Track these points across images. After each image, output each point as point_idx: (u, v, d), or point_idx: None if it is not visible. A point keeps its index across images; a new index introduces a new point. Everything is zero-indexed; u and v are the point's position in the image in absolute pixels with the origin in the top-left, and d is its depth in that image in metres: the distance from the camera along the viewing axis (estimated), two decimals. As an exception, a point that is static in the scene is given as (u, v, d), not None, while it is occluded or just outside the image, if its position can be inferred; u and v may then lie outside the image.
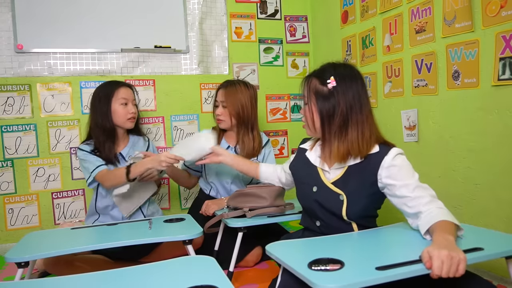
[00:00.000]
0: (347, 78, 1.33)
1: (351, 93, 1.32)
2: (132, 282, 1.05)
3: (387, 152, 1.30)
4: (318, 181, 1.40)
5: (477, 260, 1.05)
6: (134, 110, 2.07)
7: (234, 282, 1.82)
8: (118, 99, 2.02)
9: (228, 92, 2.16)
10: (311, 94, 1.37)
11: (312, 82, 1.38)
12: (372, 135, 1.33)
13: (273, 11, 3.01)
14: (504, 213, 1.69)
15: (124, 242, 1.46)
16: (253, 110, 2.18)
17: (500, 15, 1.62)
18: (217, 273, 1.06)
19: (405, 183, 1.25)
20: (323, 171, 1.41)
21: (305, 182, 1.45)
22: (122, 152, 2.09)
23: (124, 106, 2.04)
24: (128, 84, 2.12)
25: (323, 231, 1.40)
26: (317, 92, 1.35)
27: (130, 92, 2.09)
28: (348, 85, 1.32)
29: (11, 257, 1.33)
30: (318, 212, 1.40)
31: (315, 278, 0.92)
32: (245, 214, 1.77)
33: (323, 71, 1.38)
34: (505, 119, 1.66)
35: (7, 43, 2.41)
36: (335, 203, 1.35)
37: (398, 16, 2.18)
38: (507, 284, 1.66)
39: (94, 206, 2.04)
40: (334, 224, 1.37)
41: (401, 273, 0.95)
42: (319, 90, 1.35)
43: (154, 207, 2.21)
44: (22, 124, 2.45)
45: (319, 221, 1.41)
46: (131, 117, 2.05)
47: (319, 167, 1.42)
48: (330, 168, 1.39)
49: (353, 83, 1.34)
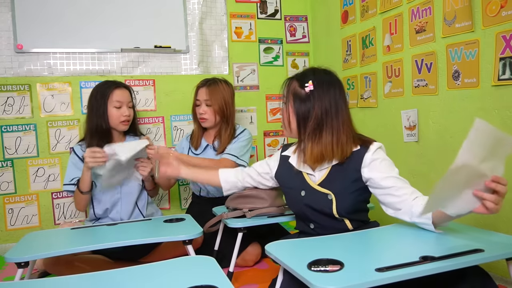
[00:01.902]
0: (325, 84, 1.38)
1: (328, 99, 1.37)
2: (132, 282, 1.05)
3: (367, 149, 1.36)
4: (305, 185, 1.43)
5: (477, 262, 1.05)
6: (128, 113, 2.04)
7: (234, 282, 1.82)
8: (112, 102, 2.01)
9: (212, 90, 2.19)
10: (289, 95, 1.42)
11: (292, 84, 1.43)
12: (348, 140, 1.37)
13: (273, 11, 3.00)
14: (504, 213, 1.69)
15: (124, 242, 1.46)
16: (233, 107, 2.27)
17: (500, 15, 1.62)
18: (217, 273, 1.06)
19: (389, 175, 1.31)
20: (308, 175, 1.44)
21: (292, 187, 1.48)
22: None
23: (117, 109, 2.02)
24: (125, 85, 2.10)
25: (319, 232, 1.43)
26: (295, 94, 1.40)
27: (125, 94, 2.06)
28: (325, 90, 1.37)
29: (11, 257, 1.32)
30: (310, 215, 1.43)
31: (315, 279, 0.92)
32: (245, 215, 1.77)
33: (303, 75, 1.43)
34: (505, 119, 1.66)
35: (7, 43, 2.41)
36: (324, 203, 1.38)
37: (398, 16, 2.18)
38: (507, 284, 1.66)
39: (93, 213, 2.05)
40: (327, 223, 1.41)
41: (401, 275, 0.95)
42: (297, 92, 1.39)
43: (153, 207, 2.21)
44: (22, 124, 2.45)
45: (313, 224, 1.45)
46: (124, 120, 2.03)
47: (303, 171, 1.45)
48: (314, 170, 1.43)
49: (330, 89, 1.38)
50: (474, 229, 1.30)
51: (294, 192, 1.47)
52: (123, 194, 2.03)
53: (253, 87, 2.95)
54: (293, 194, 1.48)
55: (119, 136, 2.11)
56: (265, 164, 1.64)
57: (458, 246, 1.10)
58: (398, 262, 1.00)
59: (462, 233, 1.24)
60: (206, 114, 2.19)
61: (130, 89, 2.12)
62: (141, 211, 2.09)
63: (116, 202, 2.03)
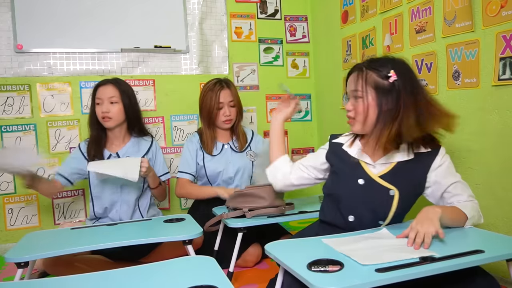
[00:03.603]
0: (406, 71, 1.30)
1: (411, 86, 1.27)
2: (132, 282, 1.05)
3: (437, 153, 1.32)
4: (364, 174, 1.32)
5: (478, 263, 1.05)
6: (105, 109, 2.00)
7: (234, 282, 1.82)
8: (95, 100, 2.04)
9: (233, 91, 2.24)
10: (368, 88, 1.29)
11: (370, 75, 1.29)
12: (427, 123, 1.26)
13: (273, 11, 3.00)
14: (504, 213, 1.69)
15: (124, 242, 1.46)
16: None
17: (500, 15, 1.62)
18: (217, 273, 1.06)
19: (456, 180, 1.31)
20: (367, 165, 1.34)
21: (348, 173, 1.35)
22: (120, 152, 2.08)
23: (98, 106, 2.03)
24: (111, 81, 2.07)
25: (354, 227, 1.33)
26: (377, 86, 1.28)
27: (107, 90, 2.03)
28: (407, 78, 1.28)
29: (10, 257, 1.32)
30: (360, 207, 1.32)
31: (314, 279, 0.92)
32: (245, 215, 1.77)
33: (380, 64, 1.30)
34: (505, 119, 1.66)
35: (7, 43, 2.41)
36: (383, 199, 1.29)
37: (398, 16, 2.18)
38: (507, 284, 1.66)
39: (93, 212, 2.06)
40: (368, 222, 1.32)
41: (401, 276, 0.95)
42: (379, 84, 1.28)
43: (154, 209, 2.21)
44: (21, 124, 2.45)
45: (354, 217, 1.34)
46: (104, 117, 2.01)
47: (362, 160, 1.34)
48: (375, 162, 1.33)
49: (411, 75, 1.30)
50: (474, 229, 1.30)
51: (349, 178, 1.34)
52: (122, 193, 2.03)
53: (253, 87, 2.95)
54: (348, 180, 1.35)
55: (120, 134, 2.10)
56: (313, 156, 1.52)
57: (458, 247, 1.10)
58: (398, 263, 1.00)
59: (462, 234, 1.24)
60: (232, 115, 2.21)
61: (117, 84, 2.06)
62: (141, 213, 2.09)
63: (115, 202, 2.03)
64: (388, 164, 1.33)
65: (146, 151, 2.15)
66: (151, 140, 2.20)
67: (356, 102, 1.32)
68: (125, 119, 2.08)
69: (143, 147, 2.15)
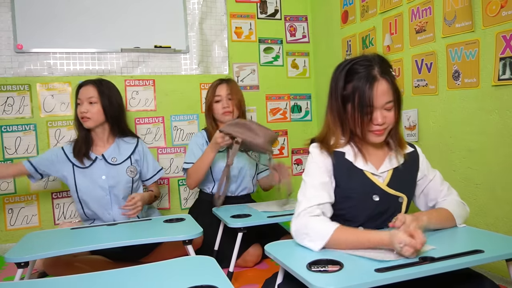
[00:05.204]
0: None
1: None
2: (132, 282, 1.05)
3: (415, 149, 1.35)
4: (376, 188, 1.23)
5: (477, 263, 1.05)
6: (84, 109, 1.97)
7: (234, 282, 1.82)
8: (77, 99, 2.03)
9: (231, 85, 2.30)
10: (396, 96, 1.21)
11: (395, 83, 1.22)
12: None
13: (273, 11, 3.00)
14: (504, 213, 1.69)
15: (124, 242, 1.46)
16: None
17: (500, 15, 1.62)
18: (217, 273, 1.06)
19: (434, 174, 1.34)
20: (373, 176, 1.24)
21: (360, 192, 1.23)
22: (105, 154, 2.03)
23: (79, 106, 2.01)
24: (92, 81, 2.03)
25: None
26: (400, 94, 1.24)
27: (87, 91, 2.00)
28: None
29: (10, 257, 1.32)
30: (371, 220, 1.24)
31: (314, 279, 0.92)
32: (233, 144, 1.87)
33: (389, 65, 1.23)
34: (505, 119, 1.66)
35: (7, 43, 2.41)
36: (396, 207, 1.25)
37: (398, 16, 2.18)
38: (507, 284, 1.66)
39: (84, 214, 2.03)
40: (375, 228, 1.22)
41: (400, 276, 0.95)
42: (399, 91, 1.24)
43: (152, 211, 2.20)
44: (21, 124, 2.45)
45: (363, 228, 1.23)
46: (83, 117, 1.99)
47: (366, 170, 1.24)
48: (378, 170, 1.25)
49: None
50: (473, 229, 1.29)
51: (363, 197, 1.23)
52: (111, 195, 2.01)
53: (253, 87, 2.95)
54: (362, 199, 1.23)
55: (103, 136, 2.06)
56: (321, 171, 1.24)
57: (457, 247, 1.10)
58: (398, 263, 1.00)
59: (461, 234, 1.24)
60: (230, 107, 2.25)
61: (98, 85, 2.02)
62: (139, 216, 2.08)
63: (106, 204, 2.00)
64: (387, 172, 1.27)
65: (131, 152, 2.09)
66: (136, 141, 2.14)
67: (388, 113, 1.21)
68: (105, 119, 2.03)
69: (128, 149, 2.09)
